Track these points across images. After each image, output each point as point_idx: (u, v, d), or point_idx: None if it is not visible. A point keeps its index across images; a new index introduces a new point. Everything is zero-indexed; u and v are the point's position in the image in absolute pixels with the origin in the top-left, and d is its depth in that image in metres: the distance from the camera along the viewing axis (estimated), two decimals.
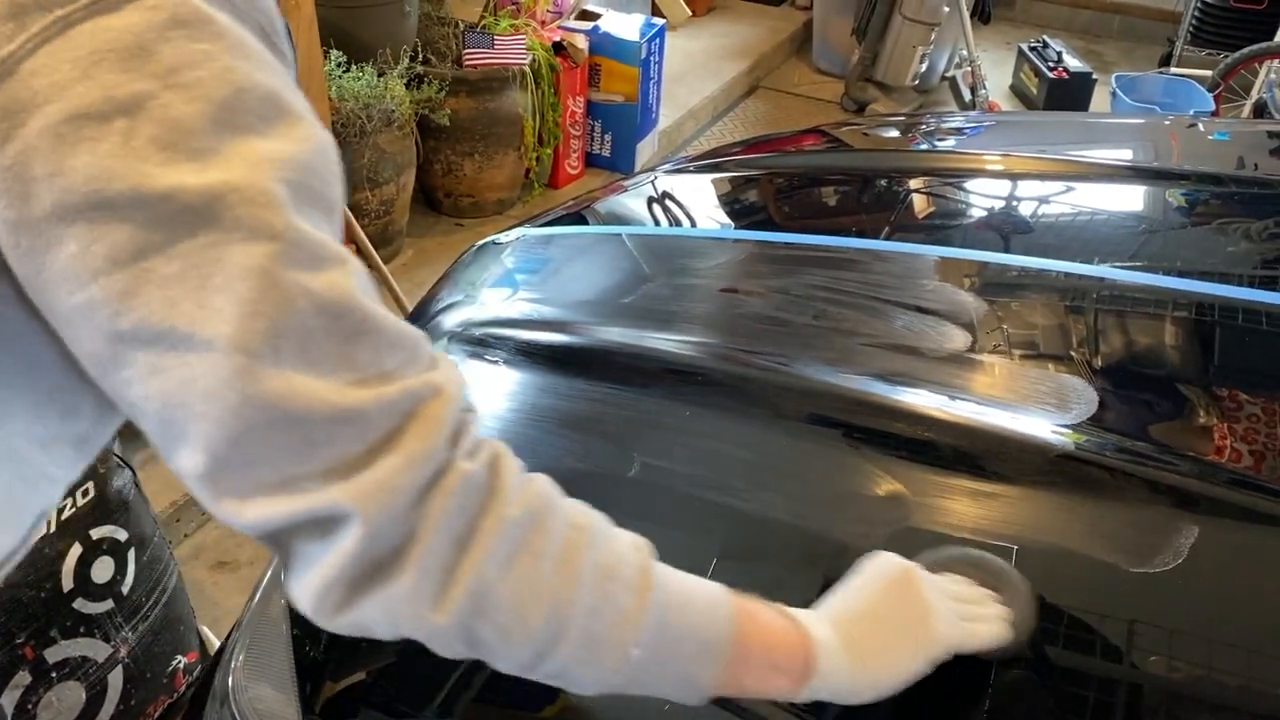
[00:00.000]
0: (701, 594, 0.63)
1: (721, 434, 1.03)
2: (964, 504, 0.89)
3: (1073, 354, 1.07)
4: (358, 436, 0.50)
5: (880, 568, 0.73)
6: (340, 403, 0.49)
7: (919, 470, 0.93)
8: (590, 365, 1.16)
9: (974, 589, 0.77)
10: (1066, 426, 0.94)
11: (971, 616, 0.73)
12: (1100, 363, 1.05)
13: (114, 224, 0.45)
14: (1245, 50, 3.90)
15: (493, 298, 1.40)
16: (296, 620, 0.99)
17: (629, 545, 0.61)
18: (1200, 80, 4.00)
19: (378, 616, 0.53)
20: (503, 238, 1.58)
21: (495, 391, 1.13)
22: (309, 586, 0.53)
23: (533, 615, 0.55)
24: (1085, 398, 0.99)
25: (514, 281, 1.45)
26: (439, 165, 3.12)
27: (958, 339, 1.12)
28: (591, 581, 0.57)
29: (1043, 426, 0.93)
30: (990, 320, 1.14)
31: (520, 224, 1.63)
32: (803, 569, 0.90)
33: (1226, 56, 4.00)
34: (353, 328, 0.50)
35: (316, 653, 0.97)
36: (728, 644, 0.62)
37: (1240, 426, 0.94)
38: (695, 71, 4.49)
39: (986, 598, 0.76)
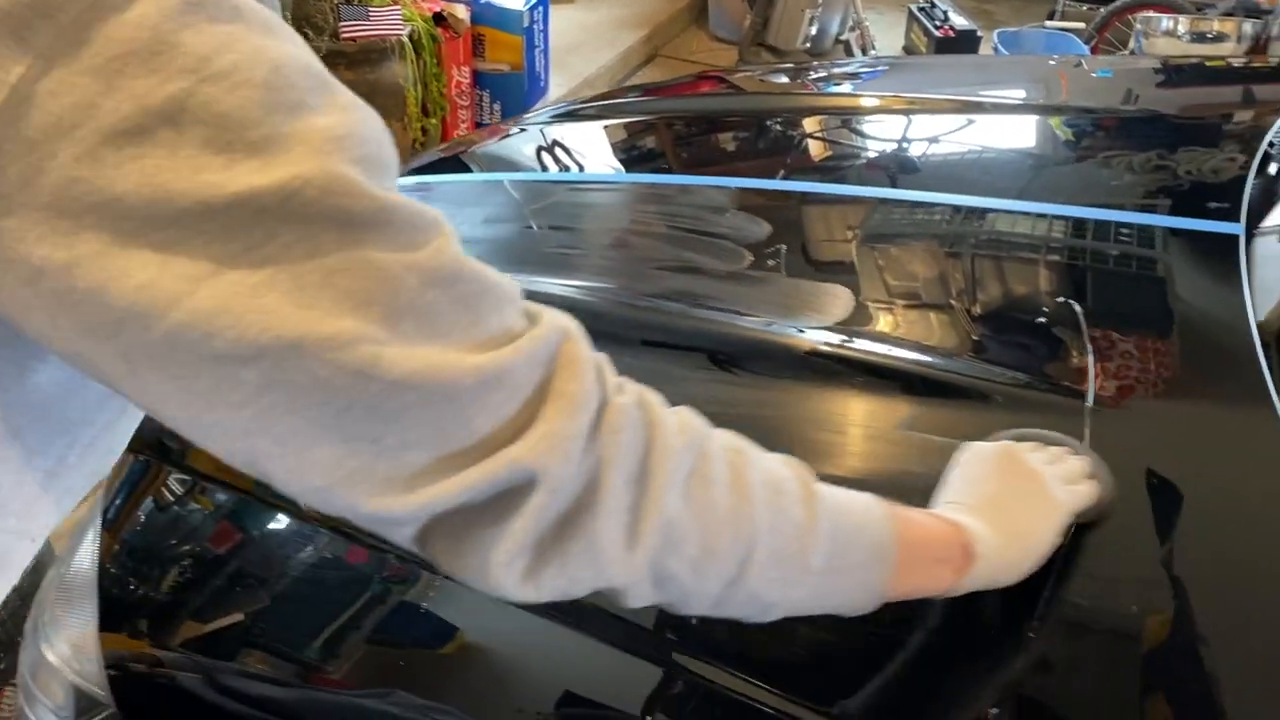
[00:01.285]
0: (858, 500, 0.63)
1: None
2: (735, 393, 0.99)
3: (846, 265, 1.16)
4: (511, 396, 0.47)
5: (981, 453, 0.75)
6: (484, 366, 0.46)
7: (698, 370, 1.03)
8: None
9: (1058, 453, 0.79)
10: (818, 328, 1.03)
11: (1071, 479, 0.76)
12: (863, 272, 1.13)
13: (186, 242, 0.40)
14: (1118, 3, 4.02)
15: None
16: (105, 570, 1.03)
17: (782, 461, 0.60)
18: (1078, 33, 4.12)
19: (577, 572, 0.51)
20: None
21: None
22: (499, 562, 0.49)
23: (720, 540, 0.55)
24: (844, 304, 1.07)
25: None
26: None
27: (745, 259, 1.19)
28: (763, 499, 0.56)
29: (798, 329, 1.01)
30: (773, 241, 1.21)
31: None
32: None
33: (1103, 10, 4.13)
34: (469, 291, 0.47)
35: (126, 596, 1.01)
36: (893, 543, 0.62)
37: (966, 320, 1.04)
38: (592, 42, 4.52)
39: (1068, 458, 0.79)
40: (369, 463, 0.45)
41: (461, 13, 3.32)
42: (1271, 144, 1.31)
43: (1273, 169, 1.30)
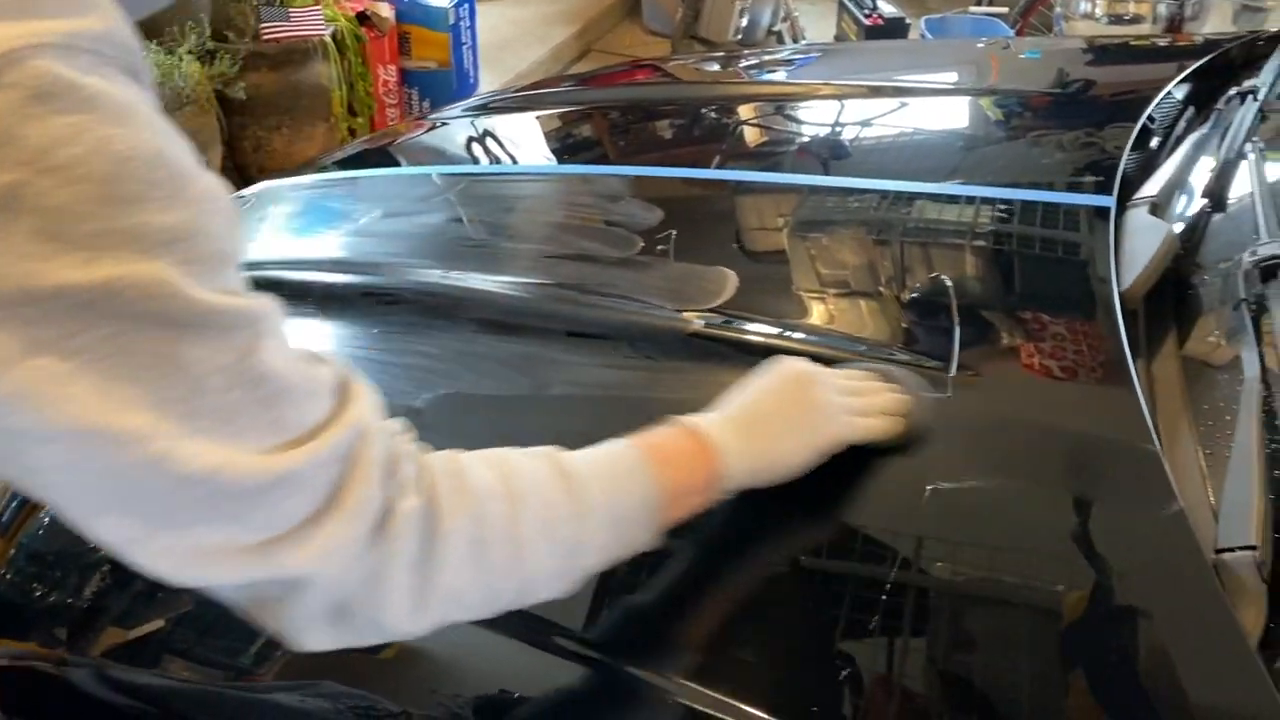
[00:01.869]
0: (621, 467, 0.67)
1: (409, 344, 1.10)
2: (621, 375, 1.02)
3: (729, 250, 1.18)
4: (295, 496, 0.49)
5: (778, 369, 0.80)
6: (274, 468, 0.48)
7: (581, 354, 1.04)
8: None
9: (870, 380, 0.84)
10: (698, 310, 1.04)
11: (862, 412, 0.80)
12: (743, 256, 1.15)
13: (4, 323, 0.41)
14: None
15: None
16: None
17: (546, 476, 0.63)
18: (1003, 18, 4.18)
19: (364, 638, 0.57)
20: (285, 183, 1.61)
21: None
22: (286, 630, 0.54)
23: (500, 585, 0.60)
24: (724, 286, 1.09)
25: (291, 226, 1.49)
26: (248, 141, 3.11)
27: (635, 246, 1.20)
28: (539, 534, 0.60)
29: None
30: (663, 228, 1.23)
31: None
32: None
33: None
34: (273, 391, 0.48)
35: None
36: (657, 497, 0.67)
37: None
38: (523, 38, 4.51)
39: (881, 389, 0.83)
40: (150, 535, 0.47)
41: (386, 11, 3.30)
42: (1150, 118, 1.35)
43: (1152, 143, 1.34)
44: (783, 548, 0.82)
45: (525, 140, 1.71)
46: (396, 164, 1.72)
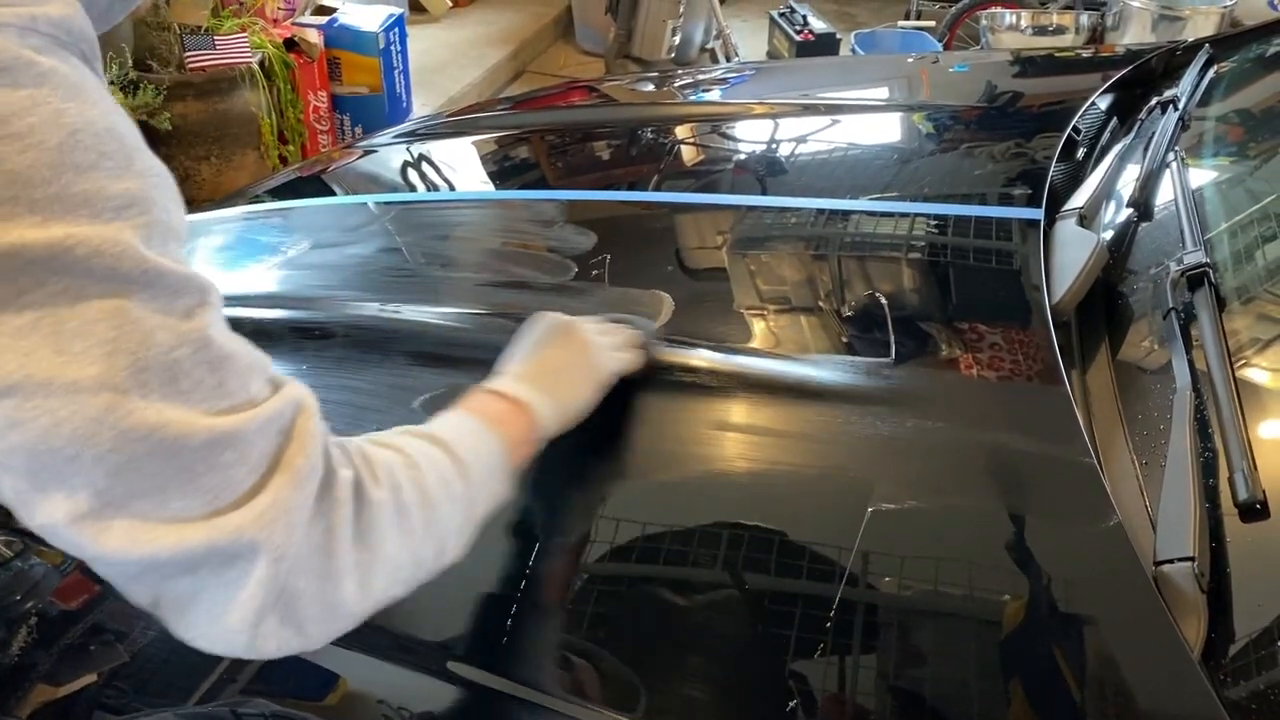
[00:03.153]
0: (468, 430, 0.72)
1: (340, 379, 1.08)
2: None
3: (667, 271, 1.17)
4: (240, 461, 0.50)
5: (545, 325, 0.87)
6: (218, 427, 0.49)
7: None
8: None
9: (613, 326, 0.94)
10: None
11: (618, 348, 0.91)
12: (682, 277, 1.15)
13: None
14: (966, 1, 4.16)
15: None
16: None
17: (427, 446, 0.67)
18: (931, 31, 4.25)
19: (312, 632, 0.55)
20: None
21: None
22: (230, 628, 0.52)
23: (423, 555, 0.63)
24: (661, 309, 1.08)
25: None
26: (176, 172, 2.97)
27: (570, 271, 1.19)
28: (441, 496, 0.64)
29: None
30: (598, 252, 1.22)
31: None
32: None
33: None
34: (217, 356, 0.50)
35: None
36: (502, 452, 0.73)
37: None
38: (458, 60, 4.49)
39: (622, 330, 0.94)
40: (98, 507, 0.48)
41: (314, 37, 3.26)
42: (1076, 129, 1.37)
43: (1078, 154, 1.35)
44: (721, 570, 0.81)
45: (460, 166, 1.69)
46: (329, 192, 1.69)
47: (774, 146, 1.58)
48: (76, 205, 0.45)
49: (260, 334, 1.13)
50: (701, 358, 0.98)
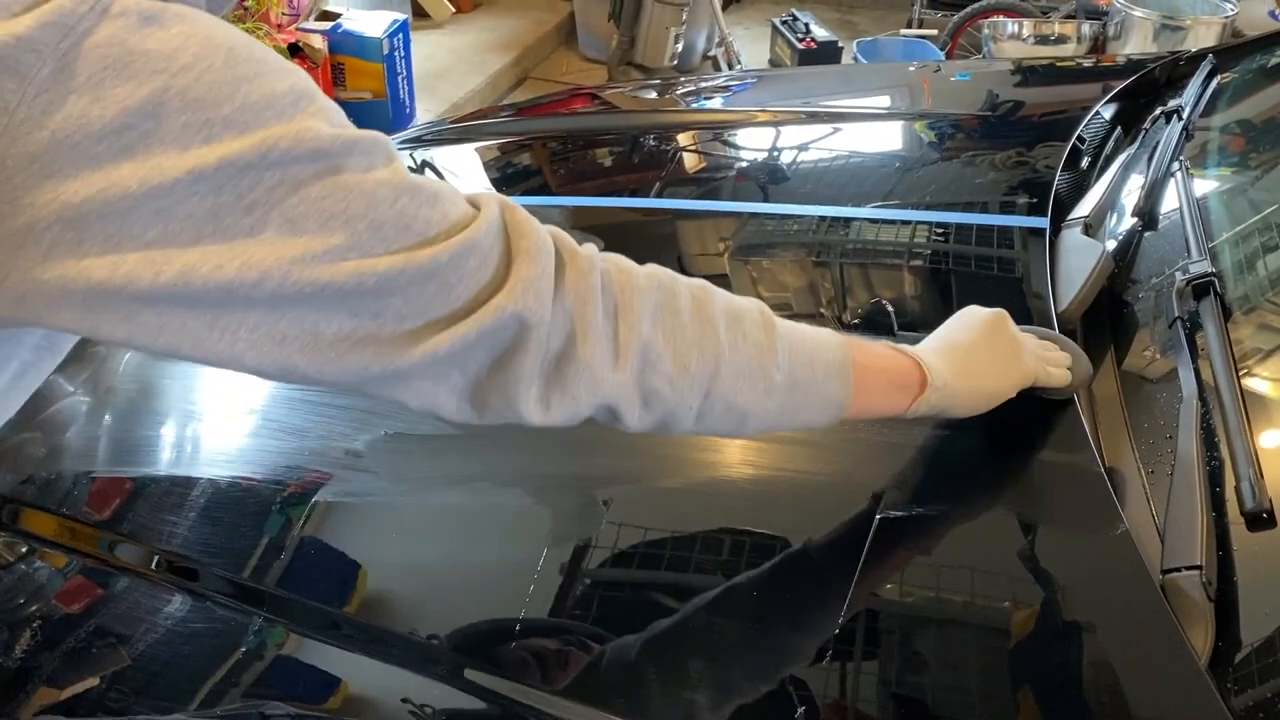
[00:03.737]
0: (815, 330, 0.74)
1: None
2: None
3: None
4: (483, 263, 0.56)
5: (976, 312, 0.87)
6: (454, 244, 0.55)
7: None
8: None
9: (1047, 341, 0.91)
10: None
11: (1050, 361, 0.88)
12: None
13: (182, 204, 0.48)
14: (969, 9, 4.17)
15: None
16: None
17: (745, 301, 0.71)
18: (933, 40, 4.26)
19: (579, 393, 0.61)
20: None
21: None
22: (515, 395, 0.60)
23: (690, 358, 0.65)
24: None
25: None
26: None
27: None
28: (725, 323, 0.67)
29: None
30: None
31: None
32: None
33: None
34: (429, 193, 0.55)
35: None
36: (849, 365, 0.73)
37: None
38: (460, 67, 4.49)
39: (1056, 348, 0.91)
40: (373, 332, 0.54)
41: (318, 42, 3.27)
42: (1080, 139, 1.37)
43: (1083, 163, 1.36)
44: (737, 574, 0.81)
45: (464, 172, 1.70)
46: None
47: (776, 154, 1.59)
48: (261, 109, 0.49)
49: None
50: None
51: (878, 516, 0.80)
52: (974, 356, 0.83)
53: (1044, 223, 1.12)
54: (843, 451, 0.89)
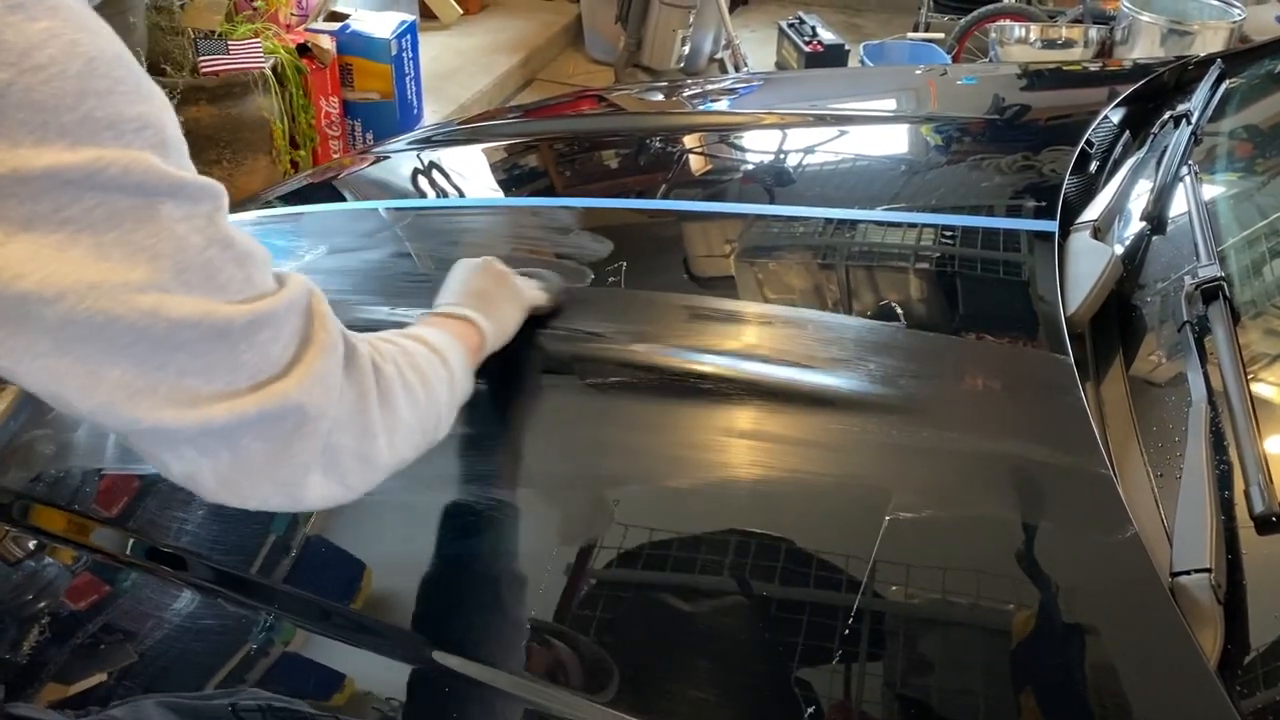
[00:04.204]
0: (444, 338, 0.83)
1: None
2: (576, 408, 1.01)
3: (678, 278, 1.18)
4: (276, 337, 0.57)
5: (468, 263, 1.01)
6: (254, 311, 0.55)
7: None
8: None
9: (523, 273, 1.07)
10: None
11: (533, 288, 1.06)
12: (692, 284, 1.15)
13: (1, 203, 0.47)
14: (975, 13, 4.17)
15: None
16: None
17: (411, 341, 0.78)
18: (940, 43, 4.26)
19: (350, 482, 0.65)
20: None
21: None
22: (288, 474, 0.60)
23: (427, 426, 0.74)
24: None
25: None
26: None
27: (585, 278, 1.20)
28: (434, 377, 0.76)
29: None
30: (613, 259, 1.23)
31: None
32: None
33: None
34: (241, 252, 0.56)
35: None
36: (465, 358, 0.85)
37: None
38: (468, 68, 4.50)
39: (531, 280, 1.08)
40: (153, 384, 0.53)
41: (326, 43, 3.27)
42: (1089, 143, 1.37)
43: (1091, 167, 1.36)
44: (743, 577, 0.81)
45: (472, 173, 1.70)
46: (341, 198, 1.70)
47: (782, 156, 1.59)
48: (101, 129, 0.49)
49: None
50: (710, 364, 0.99)
51: (887, 518, 0.80)
52: (494, 300, 0.97)
53: (1053, 226, 1.12)
54: (852, 453, 0.89)
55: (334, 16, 3.49)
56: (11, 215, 0.47)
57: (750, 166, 1.59)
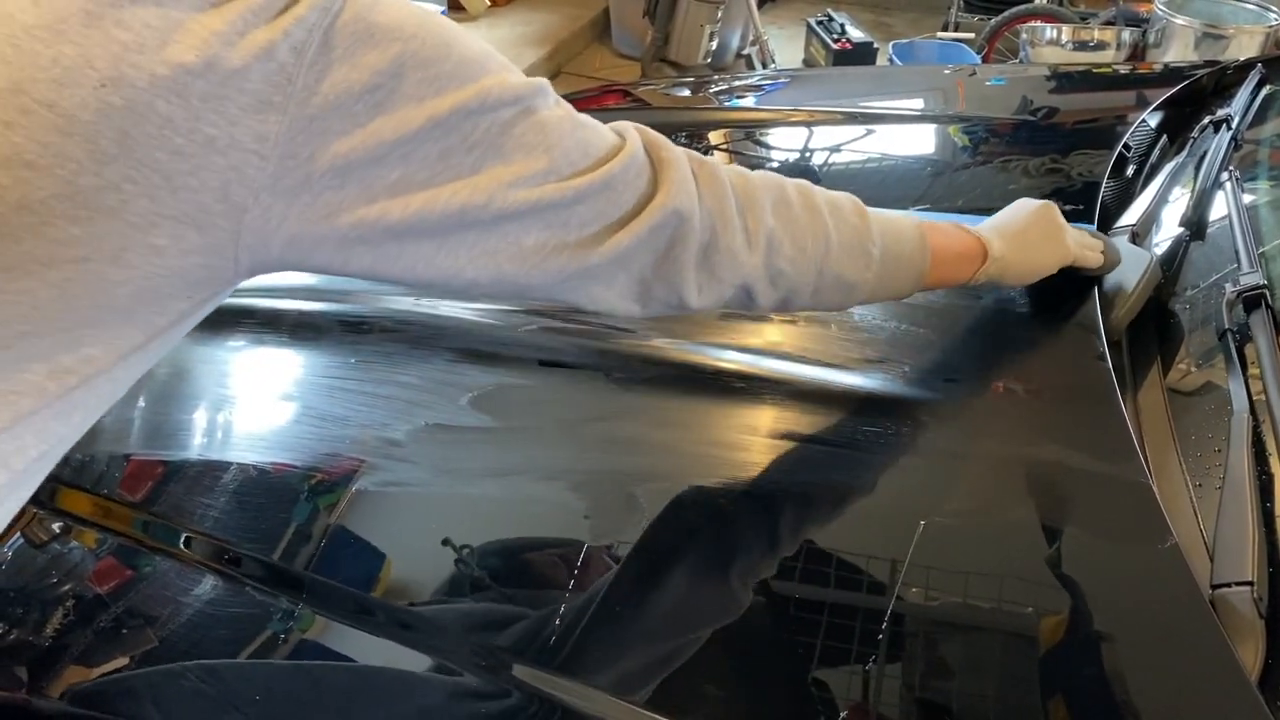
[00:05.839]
0: (894, 213, 0.86)
1: (388, 374, 1.08)
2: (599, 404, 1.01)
3: None
4: (640, 173, 0.68)
5: (1027, 202, 1.01)
6: (621, 160, 0.66)
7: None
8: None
9: (1086, 231, 1.05)
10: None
11: (1086, 245, 1.02)
12: None
13: (420, 148, 0.57)
14: (1006, 13, 4.13)
15: None
16: None
17: (839, 192, 0.83)
18: (970, 43, 4.23)
19: (726, 277, 0.74)
20: None
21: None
22: (675, 276, 0.71)
23: (805, 241, 0.78)
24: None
25: None
26: None
27: None
28: (828, 211, 0.80)
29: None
30: None
31: None
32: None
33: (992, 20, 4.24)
34: (592, 124, 0.66)
35: None
36: (926, 239, 0.87)
37: None
38: None
39: (1095, 239, 1.05)
40: (564, 238, 0.65)
41: None
42: (1127, 146, 1.35)
43: (1128, 171, 1.34)
44: (773, 577, 0.80)
45: None
46: None
47: (809, 154, 1.58)
48: (471, 65, 0.59)
49: (307, 326, 1.15)
50: (740, 362, 0.98)
51: (923, 523, 0.79)
52: (1025, 235, 0.96)
53: (1091, 229, 1.11)
54: (887, 458, 0.88)
55: None
56: (430, 155, 0.57)
57: (775, 164, 1.57)
